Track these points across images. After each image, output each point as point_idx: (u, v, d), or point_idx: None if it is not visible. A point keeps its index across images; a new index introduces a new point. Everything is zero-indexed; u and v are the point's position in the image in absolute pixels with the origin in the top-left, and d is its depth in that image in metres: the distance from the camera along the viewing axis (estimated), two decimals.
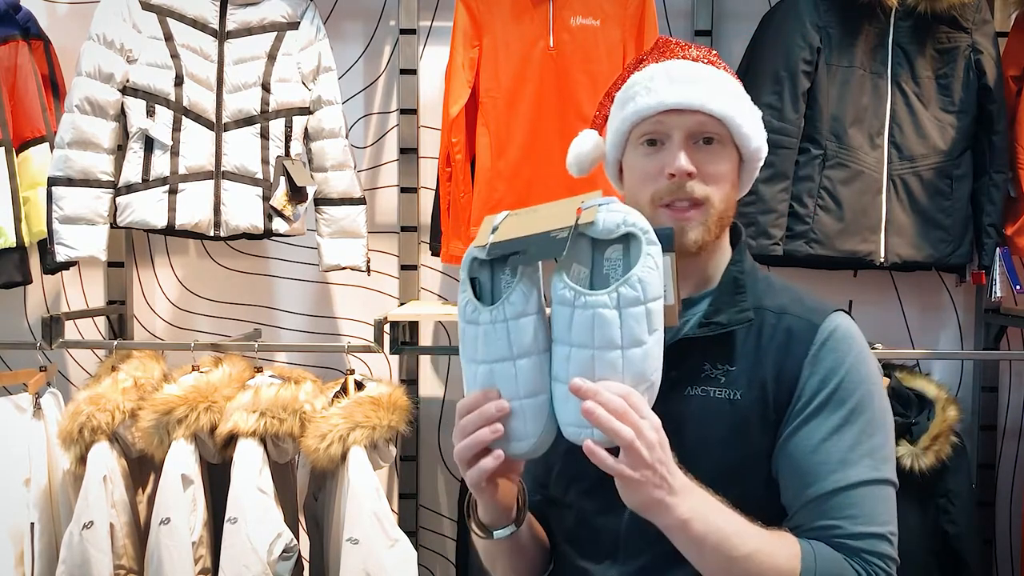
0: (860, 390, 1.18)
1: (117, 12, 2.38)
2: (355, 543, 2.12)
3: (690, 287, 1.27)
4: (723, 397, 1.19)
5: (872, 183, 2.41)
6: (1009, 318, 2.58)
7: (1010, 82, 2.50)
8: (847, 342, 1.21)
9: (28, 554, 2.31)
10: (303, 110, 2.50)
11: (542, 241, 1.05)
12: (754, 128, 1.27)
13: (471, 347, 1.11)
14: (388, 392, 2.28)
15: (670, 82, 1.23)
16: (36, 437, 2.36)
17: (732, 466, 1.18)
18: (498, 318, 1.07)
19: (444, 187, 2.49)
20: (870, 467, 1.16)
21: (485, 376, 1.09)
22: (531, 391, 1.08)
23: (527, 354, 1.07)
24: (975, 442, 2.69)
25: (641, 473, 1.01)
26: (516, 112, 2.43)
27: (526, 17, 2.43)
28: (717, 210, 1.23)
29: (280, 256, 2.83)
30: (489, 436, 1.06)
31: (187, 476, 2.19)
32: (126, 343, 2.59)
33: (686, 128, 1.22)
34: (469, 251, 1.13)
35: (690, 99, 1.22)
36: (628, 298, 1.03)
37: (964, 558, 2.29)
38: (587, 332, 1.04)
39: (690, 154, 1.22)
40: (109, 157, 2.39)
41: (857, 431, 1.17)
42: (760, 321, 1.23)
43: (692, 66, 1.26)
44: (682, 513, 1.05)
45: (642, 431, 1.01)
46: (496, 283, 1.12)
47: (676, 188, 1.21)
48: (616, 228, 1.06)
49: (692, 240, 1.22)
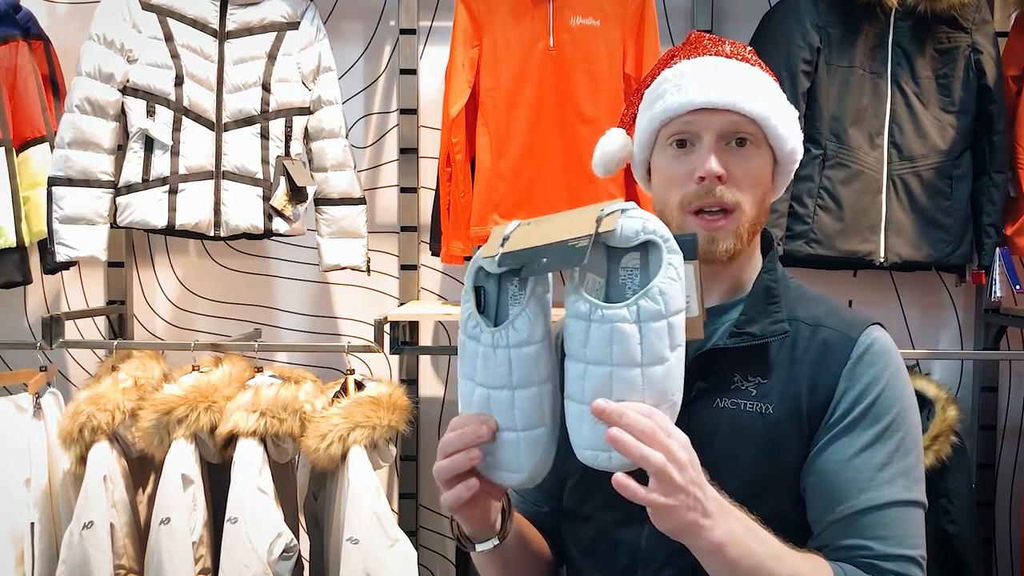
0: (896, 407, 1.14)
1: (117, 12, 2.38)
2: (355, 543, 2.12)
3: (720, 294, 1.23)
4: (754, 411, 1.15)
5: (872, 183, 2.41)
6: (1009, 318, 2.58)
7: (1010, 82, 2.50)
8: (884, 357, 1.17)
9: (28, 554, 2.31)
10: (303, 110, 2.50)
11: (559, 250, 0.98)
12: (790, 129, 1.21)
13: (469, 364, 1.05)
14: (388, 392, 2.28)
15: (701, 80, 1.18)
16: (36, 437, 2.36)
17: (760, 483, 1.14)
18: (500, 343, 1.01)
19: (444, 187, 2.49)
20: (903, 487, 1.12)
21: (482, 401, 1.04)
22: (528, 424, 1.03)
23: (527, 385, 1.02)
24: (975, 442, 2.69)
25: (675, 498, 0.96)
26: (516, 112, 2.43)
27: (526, 17, 2.43)
28: (749, 217, 1.18)
29: (280, 256, 2.83)
30: (465, 463, 1.03)
31: (187, 476, 2.19)
32: (126, 343, 2.59)
33: (717, 128, 1.17)
34: (476, 260, 1.06)
35: (722, 98, 1.16)
36: (649, 311, 0.96)
37: (964, 558, 2.29)
38: (605, 348, 0.97)
39: (721, 156, 1.16)
40: (109, 157, 2.39)
41: (891, 449, 1.13)
42: (795, 333, 1.18)
43: (725, 63, 1.20)
44: (717, 536, 1.00)
45: (673, 452, 0.96)
46: (503, 294, 1.06)
47: (705, 192, 1.16)
48: (635, 235, 0.99)
49: (723, 250, 1.17)
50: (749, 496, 1.11)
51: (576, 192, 2.43)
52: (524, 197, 2.44)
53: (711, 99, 1.16)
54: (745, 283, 1.24)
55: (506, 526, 1.16)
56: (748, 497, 1.11)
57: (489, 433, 1.03)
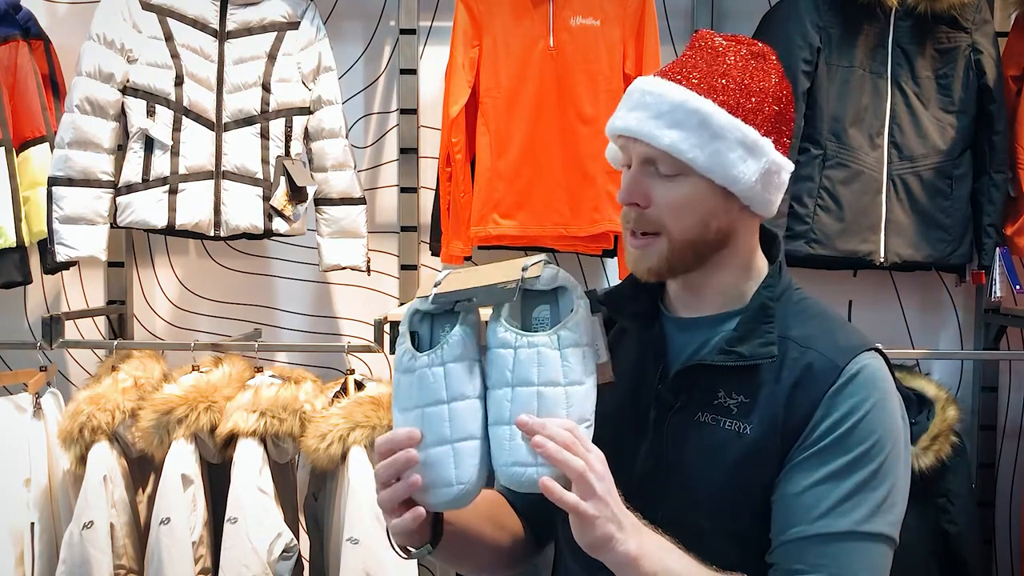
0: (873, 439, 1.10)
1: (117, 12, 2.38)
2: (355, 543, 2.12)
3: (714, 305, 1.21)
4: (732, 429, 1.14)
5: (872, 183, 2.41)
6: (1009, 318, 2.58)
7: (1010, 82, 2.50)
8: (868, 387, 1.13)
9: (28, 554, 2.31)
10: (303, 110, 2.50)
11: (491, 291, 1.10)
12: (721, 159, 1.13)
13: (404, 396, 1.11)
14: (388, 392, 2.28)
15: (631, 106, 1.16)
16: (36, 437, 2.36)
17: (730, 499, 1.13)
18: (435, 361, 1.09)
19: (444, 187, 2.49)
20: (862, 519, 1.09)
21: (415, 420, 1.09)
22: (463, 434, 1.08)
23: (463, 397, 1.08)
24: (975, 442, 2.68)
25: (593, 504, 1.00)
26: (516, 112, 2.43)
27: (526, 17, 2.43)
28: (677, 240, 1.15)
29: (280, 256, 2.83)
30: (405, 491, 1.06)
31: (187, 476, 2.19)
32: (126, 343, 2.59)
33: (639, 154, 1.16)
34: (411, 305, 1.15)
35: (633, 128, 1.15)
36: (568, 339, 1.08)
37: (964, 558, 2.29)
38: (531, 369, 1.06)
39: (643, 182, 1.15)
40: (109, 157, 2.39)
41: (859, 480, 1.09)
42: (783, 353, 1.15)
43: (656, 86, 1.16)
44: (632, 549, 1.02)
45: (591, 463, 1.01)
46: (435, 338, 1.13)
47: (628, 216, 1.17)
48: (553, 280, 1.11)
49: (644, 269, 1.17)
50: (718, 512, 1.11)
51: (575, 192, 2.43)
52: (524, 197, 2.44)
53: (627, 128, 1.16)
54: (743, 295, 1.21)
55: (438, 531, 1.17)
56: (716, 512, 1.11)
57: (414, 448, 1.06)
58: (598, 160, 2.40)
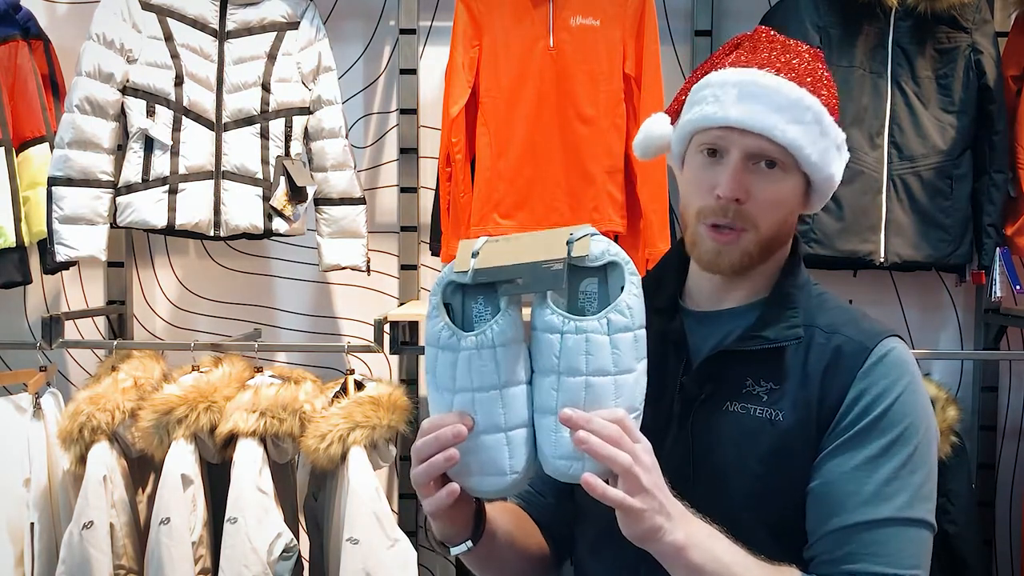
0: (907, 420, 1.10)
1: (117, 12, 2.38)
2: (355, 543, 2.12)
3: (738, 298, 1.21)
4: (763, 416, 1.13)
5: (872, 183, 2.41)
6: (1009, 318, 2.58)
7: (1010, 82, 2.50)
8: (900, 368, 1.13)
9: (28, 554, 2.31)
10: (303, 110, 2.50)
11: (536, 272, 1.02)
12: (827, 156, 1.17)
13: (446, 375, 1.05)
14: (388, 392, 2.28)
15: (738, 98, 1.14)
16: (36, 437, 2.36)
17: (767, 489, 1.12)
18: (484, 344, 1.03)
19: (444, 187, 2.49)
20: (905, 504, 1.08)
21: (464, 405, 1.03)
22: (519, 422, 1.04)
23: (515, 383, 1.04)
24: (975, 442, 2.68)
25: (640, 499, 0.98)
26: (516, 112, 2.43)
27: (526, 17, 2.43)
28: (763, 236, 1.15)
29: (280, 256, 2.83)
30: (443, 465, 1.01)
31: (187, 476, 2.19)
32: (126, 343, 2.59)
33: (746, 148, 1.13)
34: (445, 275, 1.08)
35: (754, 121, 1.13)
36: (618, 324, 1.02)
37: (964, 558, 2.29)
38: (579, 358, 1.01)
39: (744, 177, 1.13)
40: (109, 157, 2.39)
41: (897, 464, 1.09)
42: (809, 340, 1.16)
43: (769, 80, 1.16)
44: (679, 539, 1.01)
45: (638, 455, 0.98)
46: (467, 310, 1.08)
47: (721, 211, 1.14)
48: (601, 255, 1.05)
49: (727, 264, 1.16)
50: (753, 501, 1.10)
51: (576, 192, 2.43)
52: (524, 197, 2.44)
53: (744, 121, 1.13)
54: (765, 288, 1.22)
55: (480, 527, 1.15)
56: (752, 502, 1.10)
57: (466, 430, 1.02)
58: (598, 160, 2.40)
